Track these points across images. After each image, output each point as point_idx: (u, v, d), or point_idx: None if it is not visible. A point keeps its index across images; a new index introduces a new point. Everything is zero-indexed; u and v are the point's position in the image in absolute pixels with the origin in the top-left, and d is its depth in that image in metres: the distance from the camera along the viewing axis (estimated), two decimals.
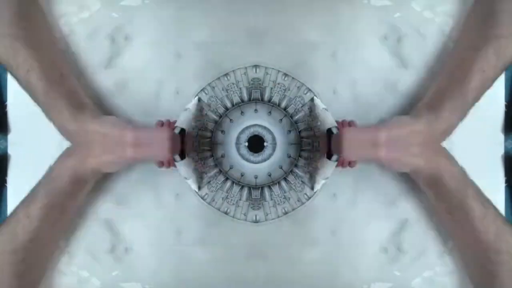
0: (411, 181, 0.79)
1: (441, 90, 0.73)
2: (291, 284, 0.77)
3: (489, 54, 0.69)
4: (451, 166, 0.71)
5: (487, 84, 0.71)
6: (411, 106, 0.79)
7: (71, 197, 0.72)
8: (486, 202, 0.70)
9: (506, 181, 0.79)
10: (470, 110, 0.73)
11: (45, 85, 0.70)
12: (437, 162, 0.71)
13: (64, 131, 0.72)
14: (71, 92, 0.73)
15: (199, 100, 0.73)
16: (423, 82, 0.79)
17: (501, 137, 0.79)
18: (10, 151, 0.79)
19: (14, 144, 0.79)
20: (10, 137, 0.79)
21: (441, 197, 0.71)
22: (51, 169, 0.72)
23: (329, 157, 0.73)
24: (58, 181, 0.70)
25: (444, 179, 0.70)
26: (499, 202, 0.79)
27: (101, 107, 0.79)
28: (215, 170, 0.80)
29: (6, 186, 0.79)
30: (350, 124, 0.75)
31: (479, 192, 0.71)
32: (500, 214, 0.71)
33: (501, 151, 0.79)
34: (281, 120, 0.80)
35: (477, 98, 0.71)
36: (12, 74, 0.71)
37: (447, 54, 0.76)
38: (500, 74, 0.73)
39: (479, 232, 0.68)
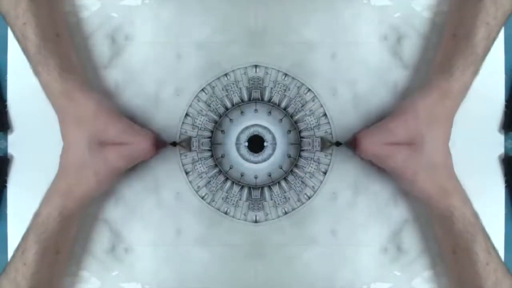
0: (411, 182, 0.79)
1: (448, 52, 0.72)
2: (291, 283, 0.77)
3: (487, 6, 0.68)
4: (464, 206, 0.70)
5: (492, 35, 0.70)
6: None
7: (63, 234, 0.71)
8: (492, 250, 0.69)
9: (506, 181, 0.79)
10: (481, 65, 0.72)
11: (40, 41, 0.69)
12: (450, 199, 0.70)
13: (49, 92, 0.71)
14: (65, 55, 0.72)
15: None
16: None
17: (500, 137, 0.79)
18: (10, 151, 0.79)
19: (14, 144, 0.79)
20: (11, 137, 0.79)
21: (449, 234, 0.71)
22: (38, 214, 0.71)
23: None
24: (47, 224, 0.69)
25: (455, 219, 0.69)
26: (499, 202, 0.79)
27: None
28: (215, 170, 0.80)
29: (6, 187, 0.79)
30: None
31: (487, 238, 0.70)
32: (503, 264, 0.70)
33: (500, 151, 0.79)
34: (281, 120, 0.80)
35: (486, 50, 0.70)
36: (10, 25, 0.70)
37: (445, 19, 0.75)
38: (502, 23, 0.71)
39: (479, 277, 0.68)
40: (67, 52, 0.73)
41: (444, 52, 0.74)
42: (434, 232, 0.75)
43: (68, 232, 0.73)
